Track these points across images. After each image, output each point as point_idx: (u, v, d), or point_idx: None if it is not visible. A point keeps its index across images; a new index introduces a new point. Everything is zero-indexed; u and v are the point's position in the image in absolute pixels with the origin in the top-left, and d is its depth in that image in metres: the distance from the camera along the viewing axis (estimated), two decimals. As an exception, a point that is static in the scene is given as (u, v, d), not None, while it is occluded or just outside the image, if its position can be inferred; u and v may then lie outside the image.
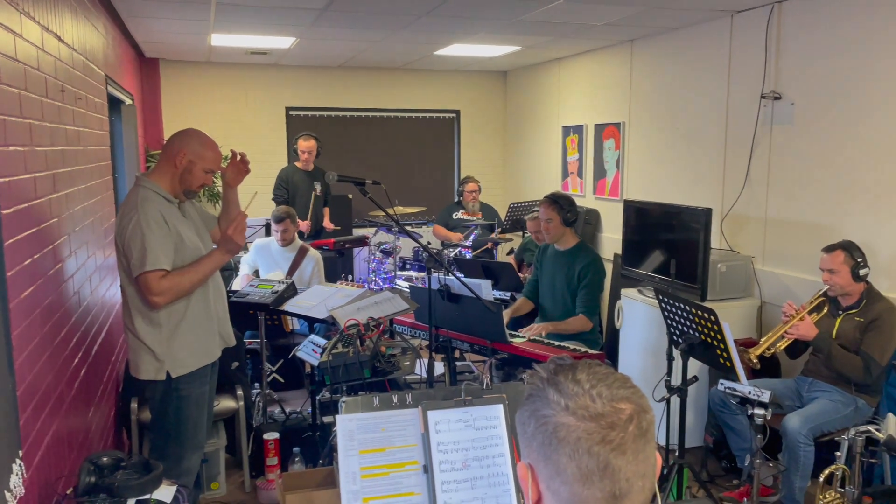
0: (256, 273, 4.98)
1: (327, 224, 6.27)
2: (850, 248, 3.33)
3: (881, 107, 3.59)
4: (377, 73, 7.50)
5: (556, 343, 3.72)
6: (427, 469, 1.70)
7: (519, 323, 4.23)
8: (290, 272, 4.84)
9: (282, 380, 4.73)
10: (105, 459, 2.00)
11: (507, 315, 4.21)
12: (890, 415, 2.69)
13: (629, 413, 0.87)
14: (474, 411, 1.79)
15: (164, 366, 2.64)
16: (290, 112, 7.33)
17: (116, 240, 2.62)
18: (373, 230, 6.62)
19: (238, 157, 2.95)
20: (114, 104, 4.83)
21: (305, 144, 6.07)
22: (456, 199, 6.70)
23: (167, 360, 2.64)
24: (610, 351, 4.93)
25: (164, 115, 6.84)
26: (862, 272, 3.31)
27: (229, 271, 5.29)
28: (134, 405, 3.47)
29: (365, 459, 1.71)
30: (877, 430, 2.61)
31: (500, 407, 1.80)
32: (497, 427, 1.78)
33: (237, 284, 4.89)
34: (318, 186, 6.13)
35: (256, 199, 3.50)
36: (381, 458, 1.72)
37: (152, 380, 2.65)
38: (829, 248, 3.38)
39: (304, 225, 5.87)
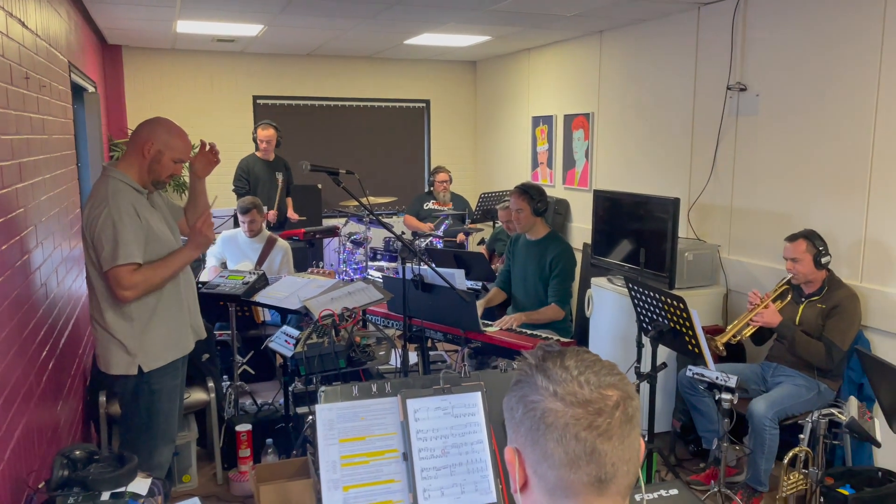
0: (224, 265, 4.92)
1: (291, 214, 6.18)
2: (811, 237, 3.42)
3: (843, 99, 3.69)
4: (346, 62, 7.45)
5: (529, 332, 3.76)
6: (407, 456, 1.72)
7: (492, 313, 4.26)
8: (259, 263, 4.79)
9: (252, 371, 4.69)
10: (78, 453, 1.97)
11: (480, 305, 4.24)
12: (852, 398, 2.78)
13: (616, 399, 0.89)
14: (453, 399, 1.80)
15: (136, 360, 2.59)
16: (258, 101, 7.24)
17: (84, 232, 2.55)
18: (343, 220, 6.58)
19: (207, 148, 2.91)
20: (76, 92, 4.71)
21: (265, 134, 5.94)
22: (427, 190, 6.70)
23: (139, 355, 2.60)
24: (580, 339, 5.00)
25: (128, 104, 6.69)
26: (823, 260, 3.40)
27: (197, 262, 5.22)
28: (102, 398, 3.42)
29: (345, 448, 1.72)
30: (839, 412, 2.70)
31: (479, 394, 1.82)
32: (475, 414, 1.80)
33: (205, 276, 4.83)
34: (279, 176, 6.04)
35: (216, 192, 3.48)
36: (360, 447, 1.73)
37: (123, 374, 2.60)
38: (792, 238, 3.47)
39: (272, 214, 5.80)
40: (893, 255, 3.48)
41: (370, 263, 5.86)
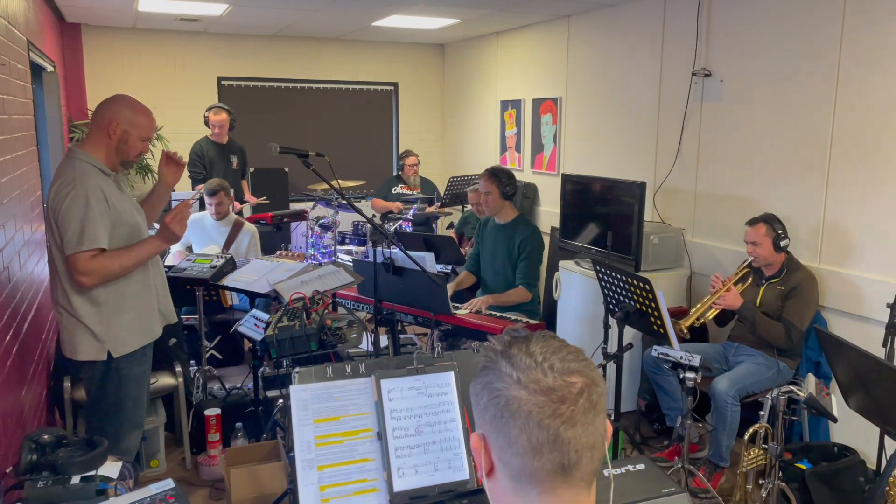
0: (190, 249, 4.85)
1: (249, 197, 6.09)
2: (771, 221, 3.52)
3: (804, 87, 3.77)
4: (313, 44, 7.36)
5: (498, 314, 3.80)
6: (381, 436, 1.73)
7: (461, 296, 4.29)
8: (226, 246, 4.75)
9: (220, 356, 4.66)
10: (46, 437, 1.95)
11: (450, 288, 4.27)
12: (810, 375, 2.89)
13: (580, 386, 0.88)
14: (426, 379, 1.82)
15: (105, 346, 2.55)
16: (223, 82, 7.12)
17: (48, 213, 2.49)
18: (311, 204, 6.54)
19: (173, 155, 2.88)
20: (34, 72, 4.58)
21: (216, 118, 5.82)
22: (395, 173, 6.68)
23: (108, 340, 2.55)
24: (548, 321, 5.06)
25: (88, 85, 6.52)
26: (783, 243, 3.50)
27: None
28: (67, 384, 3.37)
29: (319, 428, 1.73)
30: (798, 390, 2.79)
31: (451, 374, 1.84)
32: (448, 394, 1.83)
33: (170, 261, 4.76)
34: (234, 160, 5.95)
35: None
36: (335, 427, 1.74)
37: (91, 360, 2.56)
38: (752, 222, 3.56)
39: (238, 206, 5.72)
40: (850, 239, 3.59)
41: (339, 248, 5.84)
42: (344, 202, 5.01)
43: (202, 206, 5.06)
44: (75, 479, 1.87)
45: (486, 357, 0.94)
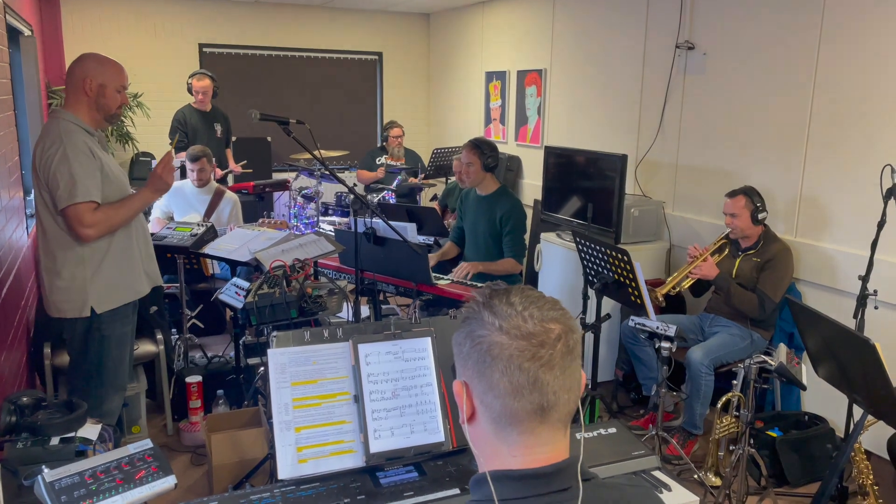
0: (171, 219, 4.83)
1: (233, 166, 6.05)
2: (750, 193, 3.56)
3: (785, 62, 3.79)
4: (297, 11, 7.26)
5: (481, 284, 3.83)
6: (358, 399, 1.76)
7: (444, 267, 4.31)
8: (207, 215, 4.72)
9: (202, 325, 4.66)
10: (25, 399, 1.96)
11: (434, 259, 4.29)
12: (781, 345, 2.95)
13: (558, 332, 0.93)
14: (403, 344, 1.85)
15: (87, 301, 2.61)
16: (204, 49, 7.02)
17: (38, 172, 2.53)
18: (293, 174, 6.50)
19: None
20: (11, 36, 4.49)
21: (200, 84, 5.72)
22: (380, 144, 6.65)
23: (91, 295, 2.61)
24: (529, 293, 5.11)
25: (67, 50, 6.41)
26: (760, 216, 3.55)
27: (144, 215, 5.10)
28: (47, 350, 3.37)
29: (297, 391, 1.75)
30: (770, 359, 2.85)
31: (428, 340, 1.87)
32: (425, 358, 1.85)
33: (151, 228, 4.74)
34: (217, 128, 5.89)
35: (154, 145, 3.43)
36: (312, 390, 1.77)
37: (75, 317, 2.61)
38: (732, 194, 3.61)
39: (219, 172, 5.68)
40: (826, 212, 3.65)
41: (322, 218, 5.82)
42: (326, 172, 5.00)
43: (183, 175, 5.02)
44: (54, 441, 1.88)
45: (468, 309, 0.99)
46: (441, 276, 3.95)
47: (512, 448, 0.95)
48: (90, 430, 1.95)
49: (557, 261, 4.61)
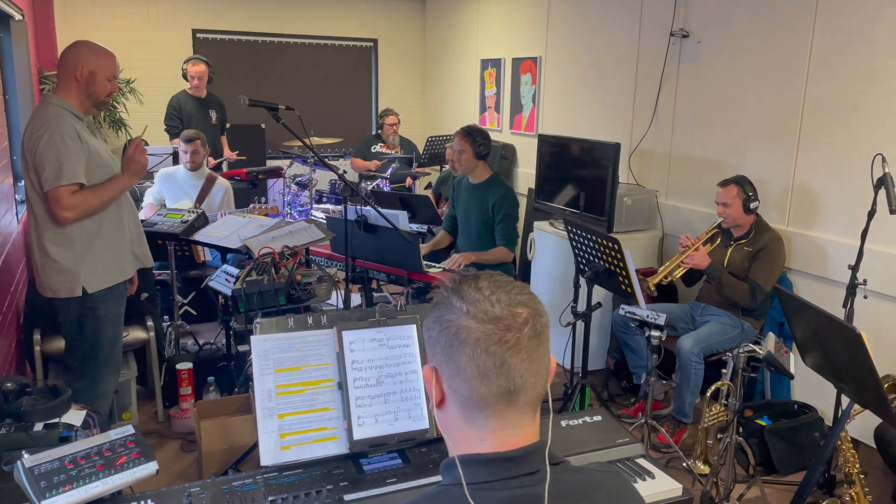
0: (163, 205, 4.81)
1: (228, 153, 6.02)
2: (742, 183, 3.55)
3: (778, 50, 3.77)
4: (291, -3, 7.20)
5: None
6: (342, 386, 1.76)
7: (437, 256, 4.31)
8: (199, 201, 4.70)
9: (194, 312, 4.66)
10: (9, 385, 1.95)
11: (427, 248, 4.28)
12: (770, 333, 2.94)
13: (525, 316, 0.94)
14: (388, 331, 1.84)
15: (79, 281, 2.63)
16: (198, 35, 6.97)
17: (26, 154, 2.55)
18: (287, 162, 6.47)
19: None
20: (2, 21, 4.45)
21: (195, 69, 5.68)
22: (375, 132, 6.62)
23: (82, 275, 2.64)
24: (522, 280, 5.11)
25: (59, 36, 6.34)
26: (752, 205, 3.54)
27: (135, 202, 5.08)
28: (37, 336, 3.36)
29: (280, 378, 1.75)
30: (759, 348, 2.85)
31: (413, 327, 1.86)
32: (410, 346, 1.85)
33: (143, 214, 4.72)
34: (213, 114, 5.85)
35: (149, 131, 3.42)
36: (296, 377, 1.76)
37: (68, 297, 2.64)
38: (724, 183, 3.60)
39: (212, 161, 5.65)
40: (818, 202, 3.64)
41: (315, 206, 5.81)
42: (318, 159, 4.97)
43: (175, 161, 5.00)
44: (38, 427, 1.88)
45: (438, 295, 1.00)
46: (433, 263, 3.94)
47: (480, 432, 0.95)
48: (74, 416, 1.95)
49: (550, 249, 4.60)
